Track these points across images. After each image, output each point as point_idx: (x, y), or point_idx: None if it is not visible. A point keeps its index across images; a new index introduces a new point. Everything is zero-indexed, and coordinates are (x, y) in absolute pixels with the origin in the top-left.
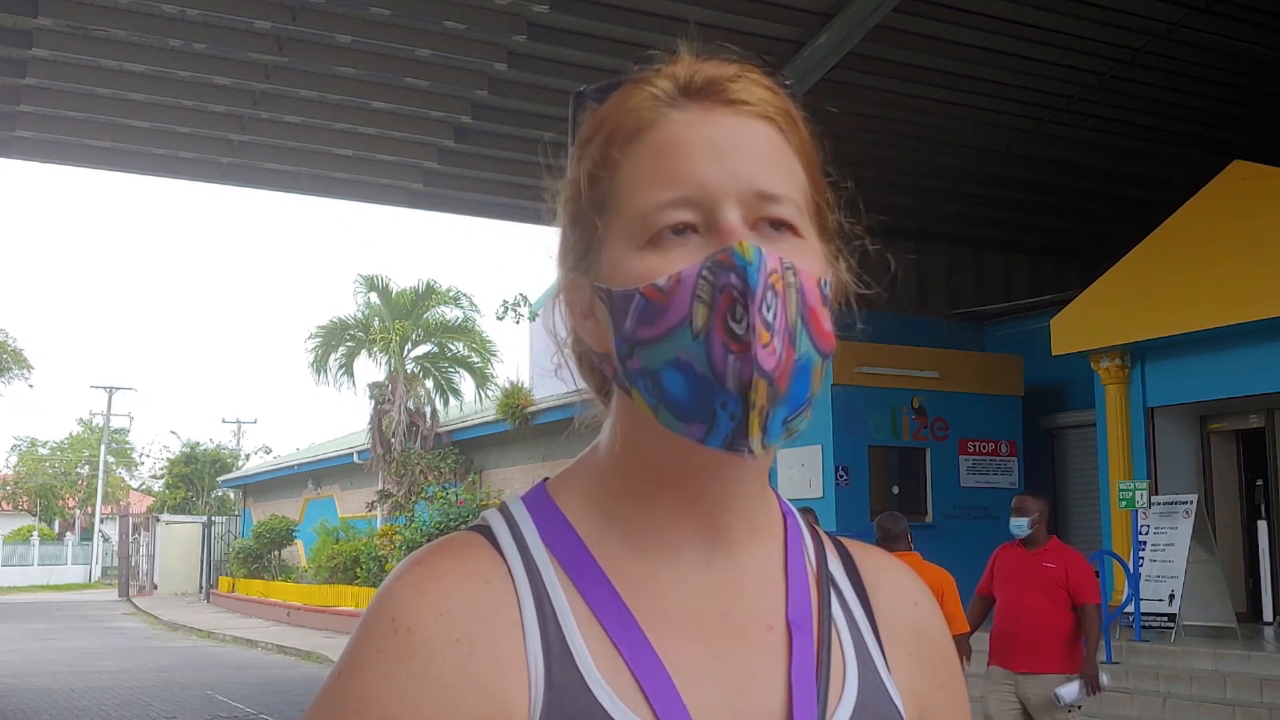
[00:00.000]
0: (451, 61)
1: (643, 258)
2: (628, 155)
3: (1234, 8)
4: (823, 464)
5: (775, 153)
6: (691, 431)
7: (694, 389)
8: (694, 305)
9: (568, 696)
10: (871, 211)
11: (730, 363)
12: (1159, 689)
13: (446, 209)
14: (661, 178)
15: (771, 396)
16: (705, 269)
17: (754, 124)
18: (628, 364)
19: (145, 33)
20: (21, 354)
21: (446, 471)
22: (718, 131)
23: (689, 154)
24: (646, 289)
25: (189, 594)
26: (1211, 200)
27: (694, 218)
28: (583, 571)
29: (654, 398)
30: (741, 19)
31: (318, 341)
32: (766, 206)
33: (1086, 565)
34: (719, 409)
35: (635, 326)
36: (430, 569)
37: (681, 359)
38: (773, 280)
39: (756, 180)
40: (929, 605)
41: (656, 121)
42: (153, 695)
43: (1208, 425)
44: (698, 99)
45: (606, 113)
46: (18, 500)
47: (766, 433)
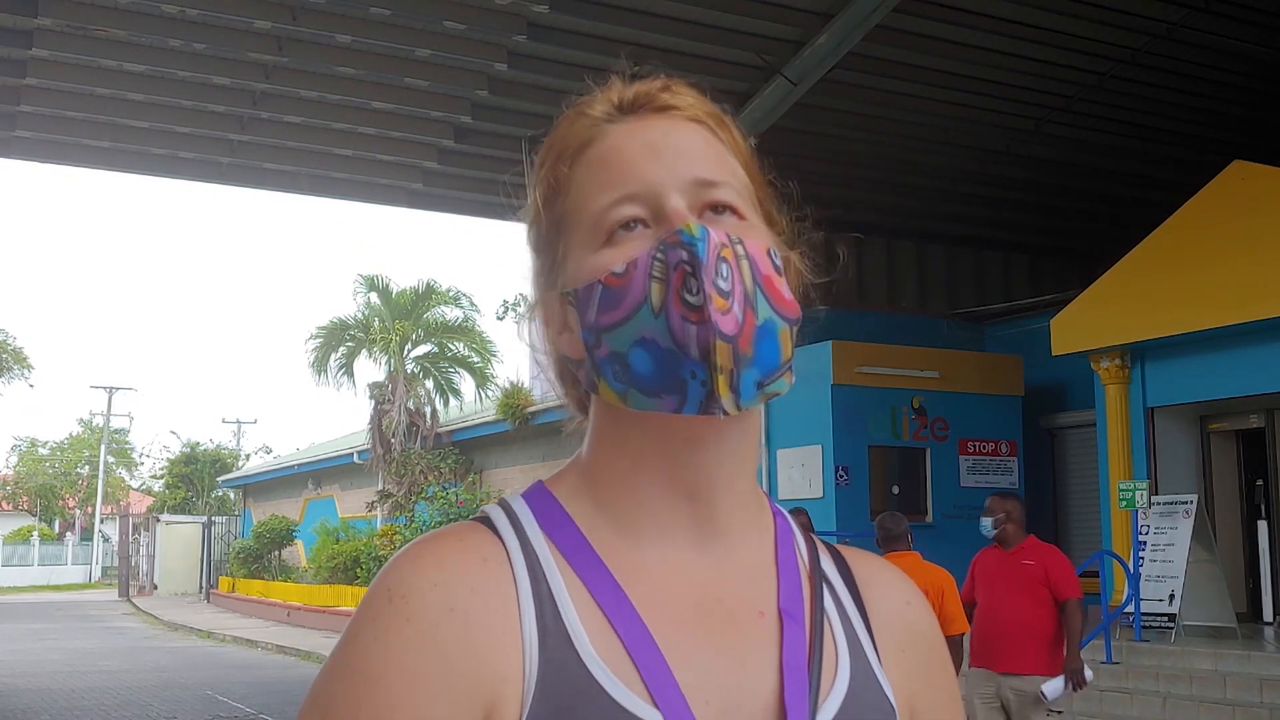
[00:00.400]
0: (451, 61)
1: (600, 254)
2: (575, 171)
3: (1234, 8)
4: (823, 464)
5: (709, 147)
6: (664, 404)
7: (660, 363)
8: (650, 284)
9: (563, 672)
10: (872, 211)
11: (690, 331)
12: (1159, 689)
13: (446, 209)
14: (608, 182)
15: (736, 358)
16: (657, 250)
17: (686, 124)
18: (595, 353)
19: (145, 33)
20: (22, 353)
21: (446, 471)
22: (653, 134)
23: (630, 157)
24: (605, 277)
25: (189, 594)
26: (1211, 200)
27: (642, 212)
28: (579, 556)
29: (622, 382)
30: (741, 19)
31: (318, 342)
32: (707, 192)
33: (1065, 561)
34: (688, 378)
35: (599, 315)
36: (428, 547)
37: (645, 337)
38: (723, 253)
39: (694, 170)
40: (921, 605)
41: (597, 137)
42: (153, 695)
43: (1208, 425)
44: (632, 112)
45: (551, 139)
46: (18, 500)
47: (739, 394)
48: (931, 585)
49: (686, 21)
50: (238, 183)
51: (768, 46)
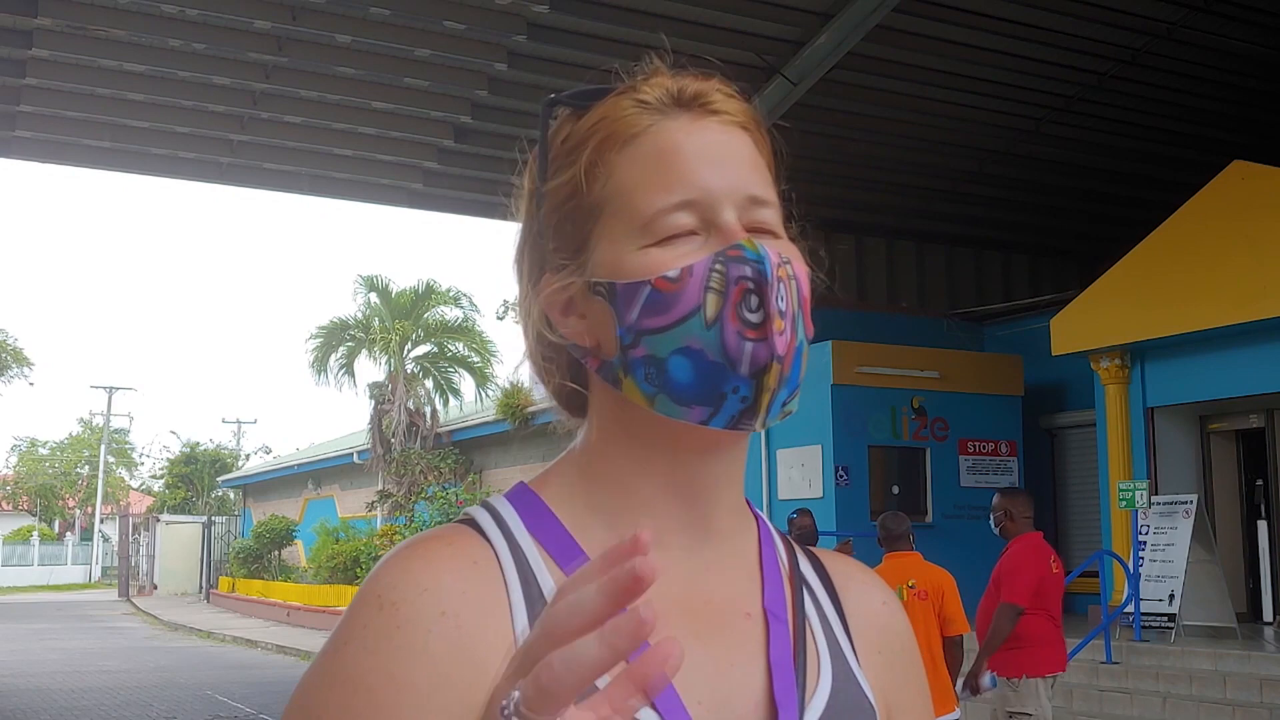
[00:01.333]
0: (451, 61)
1: (648, 254)
2: (624, 158)
3: (1234, 8)
4: (823, 464)
5: (756, 160)
6: (692, 414)
7: (702, 374)
8: (706, 294)
9: None
10: (872, 211)
11: (747, 349)
12: (1159, 689)
13: (446, 209)
14: (664, 181)
15: (780, 378)
16: (717, 261)
17: (738, 133)
18: (630, 353)
19: (145, 33)
20: (22, 353)
21: (446, 471)
22: (711, 139)
23: (689, 159)
24: (657, 280)
25: (189, 594)
26: (1211, 200)
27: (694, 221)
28: (567, 555)
29: (654, 385)
30: (741, 19)
31: (318, 342)
32: (757, 211)
33: (1016, 561)
34: (729, 393)
35: (642, 315)
36: (416, 551)
37: (692, 346)
38: (780, 273)
39: (749, 186)
40: (896, 606)
41: (651, 128)
42: (153, 695)
43: (1208, 425)
44: (686, 108)
45: (598, 118)
46: (18, 500)
47: (769, 411)
48: (933, 585)
49: (686, 21)
50: (238, 183)
51: (768, 46)
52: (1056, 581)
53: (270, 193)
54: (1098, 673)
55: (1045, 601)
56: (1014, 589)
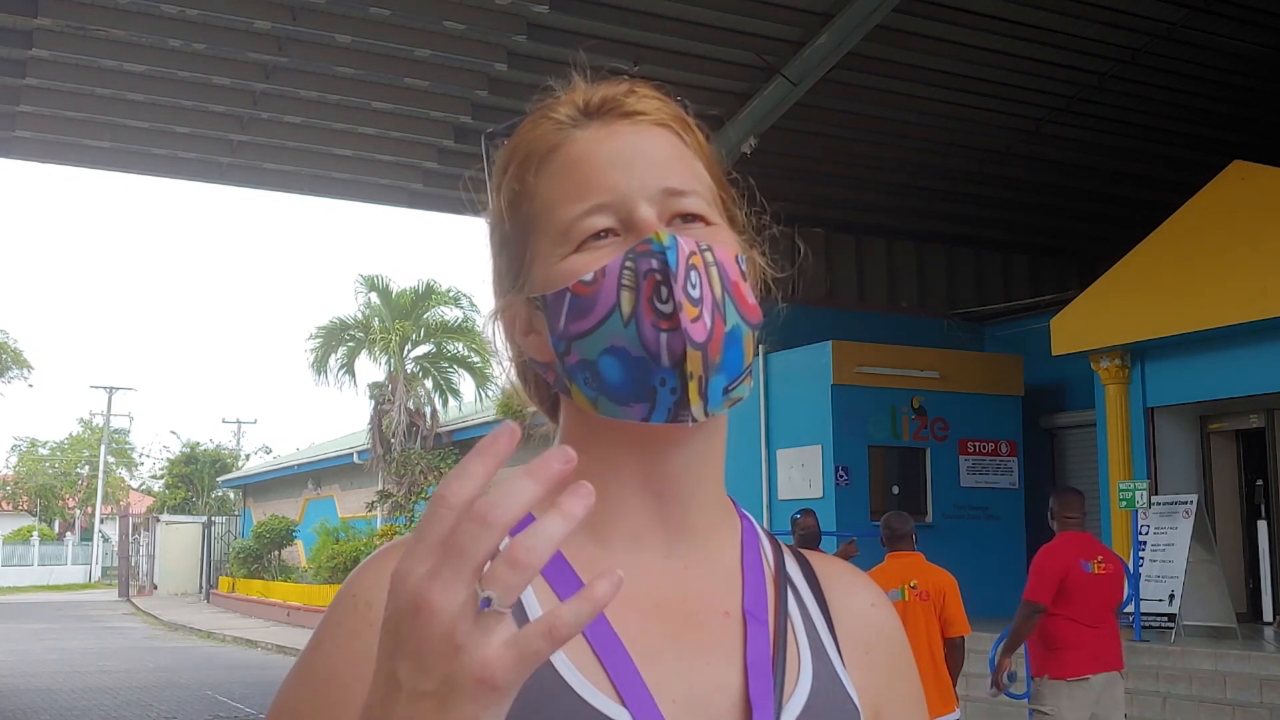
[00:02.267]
0: (451, 61)
1: (569, 261)
2: (542, 177)
3: (1234, 8)
4: (823, 464)
5: (676, 154)
6: (633, 413)
7: (631, 371)
8: (620, 293)
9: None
10: (872, 211)
11: (662, 339)
12: (1159, 689)
13: (446, 209)
14: (577, 190)
15: (707, 365)
16: (627, 259)
17: (653, 131)
18: (566, 360)
19: (145, 33)
20: (21, 354)
21: (446, 471)
22: (621, 141)
23: (598, 165)
24: (575, 285)
25: (189, 594)
26: (1211, 200)
27: (612, 222)
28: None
29: (593, 389)
30: (741, 19)
31: (318, 342)
32: (676, 202)
33: (1039, 560)
34: (658, 385)
35: (569, 322)
36: (394, 553)
37: (616, 345)
38: (693, 260)
39: (663, 179)
40: (885, 606)
41: (564, 142)
42: (153, 695)
43: (1208, 425)
44: (598, 117)
45: (515, 143)
46: (18, 500)
47: (707, 400)
48: (934, 587)
49: (686, 21)
50: (238, 183)
51: (768, 46)
52: (1092, 582)
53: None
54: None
55: (1072, 601)
56: (1032, 586)
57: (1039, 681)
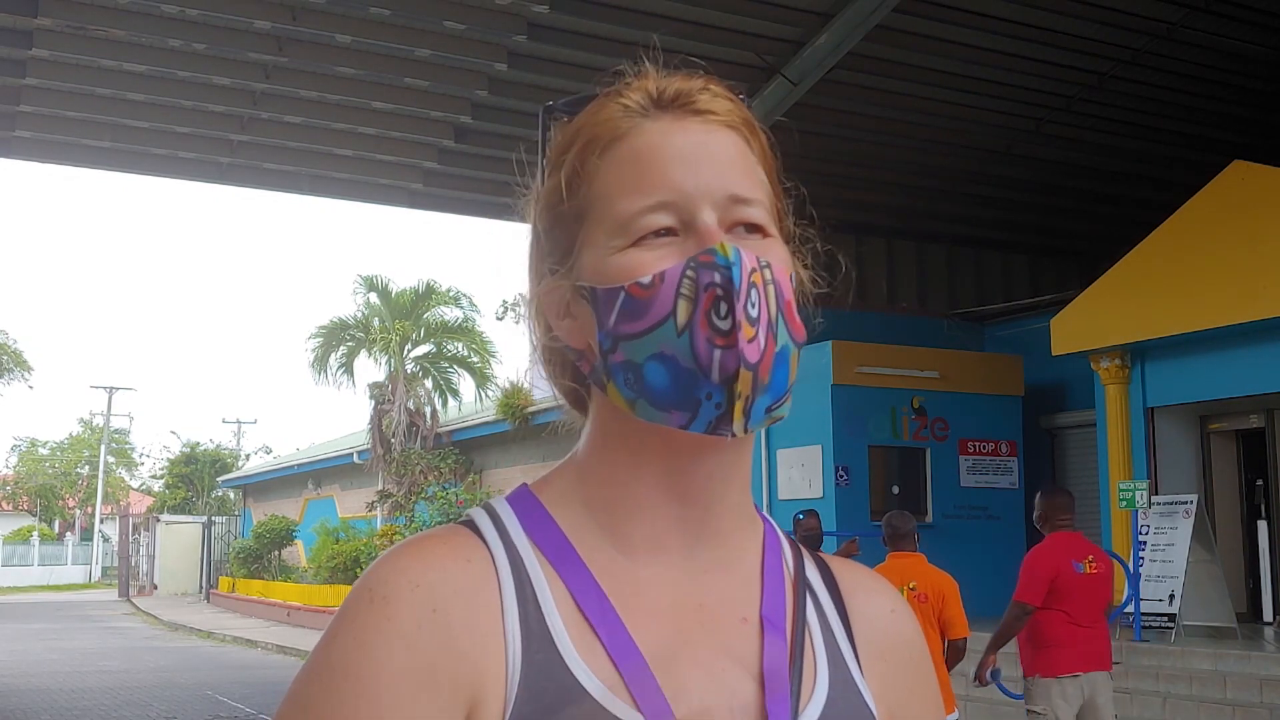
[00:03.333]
0: (451, 61)
1: (626, 256)
2: (605, 162)
3: (1234, 8)
4: (823, 464)
5: (743, 159)
6: (672, 419)
7: (677, 381)
8: (678, 301)
9: (546, 674)
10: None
11: (716, 355)
12: (1159, 689)
13: (446, 209)
14: (640, 183)
15: (756, 386)
16: (689, 267)
17: (722, 132)
18: (610, 358)
19: (145, 33)
20: (21, 355)
21: (446, 471)
22: (691, 139)
23: (665, 161)
24: (631, 286)
25: (189, 594)
26: (1211, 200)
27: (672, 221)
28: (563, 559)
29: (633, 390)
30: (741, 19)
31: (318, 341)
32: (739, 210)
33: (1030, 559)
34: (704, 399)
35: (619, 321)
36: (412, 549)
37: (665, 352)
38: (753, 278)
39: (729, 185)
40: (905, 613)
41: (631, 131)
42: (153, 695)
43: (1208, 425)
44: (668, 110)
45: (581, 124)
46: (18, 500)
47: (750, 418)
48: (933, 589)
49: (686, 21)
50: (238, 183)
51: (768, 46)
52: (1082, 581)
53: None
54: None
55: (1063, 600)
56: (1022, 587)
57: (1030, 681)
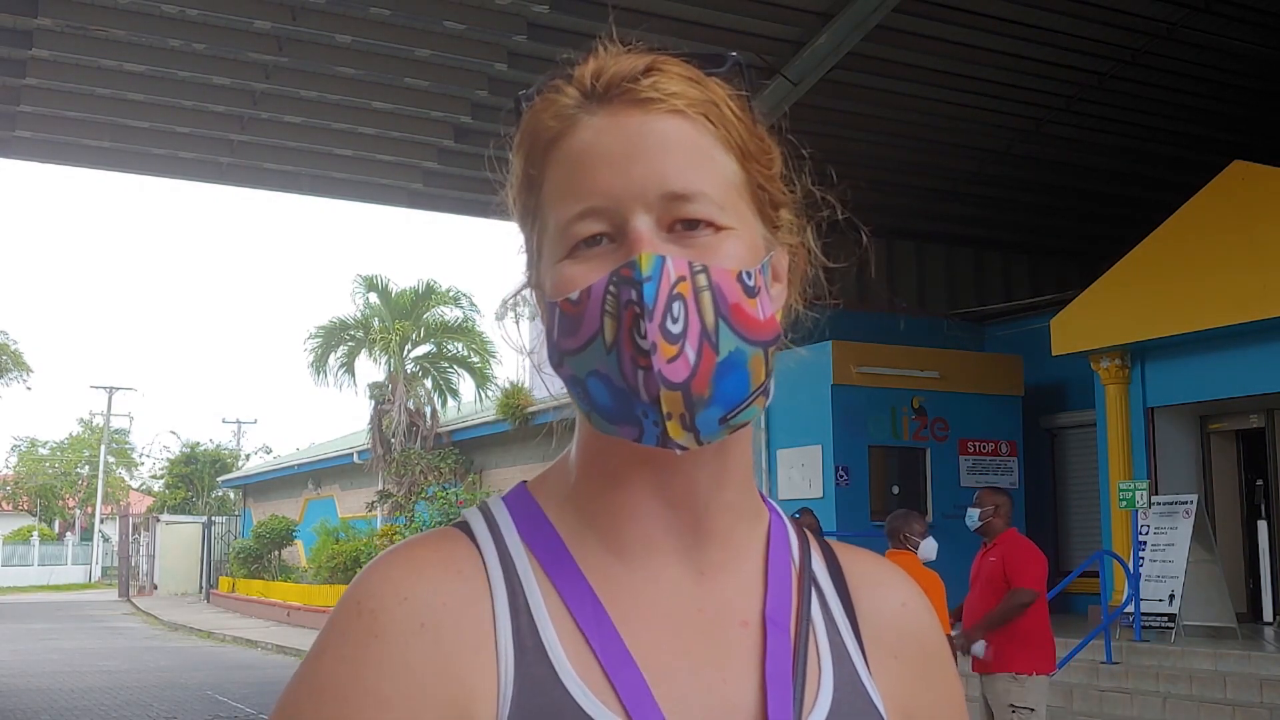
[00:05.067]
0: (451, 61)
1: (563, 269)
2: (546, 167)
3: (1234, 8)
4: (823, 464)
5: (688, 148)
6: (624, 433)
7: (616, 398)
8: (603, 319)
9: (538, 689)
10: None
11: (639, 376)
12: (1159, 689)
13: (446, 209)
14: (572, 190)
15: (689, 402)
16: (610, 283)
17: (664, 121)
18: (560, 372)
19: (145, 33)
20: (21, 356)
21: (446, 471)
22: (623, 135)
23: (594, 164)
24: (562, 303)
25: (189, 594)
26: (1211, 200)
27: (604, 227)
28: (559, 568)
29: (585, 404)
30: (741, 19)
31: (317, 341)
32: (679, 207)
33: (1025, 552)
34: (641, 416)
35: (560, 337)
36: (401, 557)
37: (600, 370)
38: (679, 289)
39: (665, 182)
40: (918, 605)
41: (566, 130)
42: (153, 695)
43: (1208, 425)
44: (605, 102)
45: (525, 123)
46: (18, 500)
47: (698, 432)
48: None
49: (686, 22)
50: (238, 183)
51: (768, 46)
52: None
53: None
54: (1098, 673)
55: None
56: (1030, 575)
57: (1025, 679)
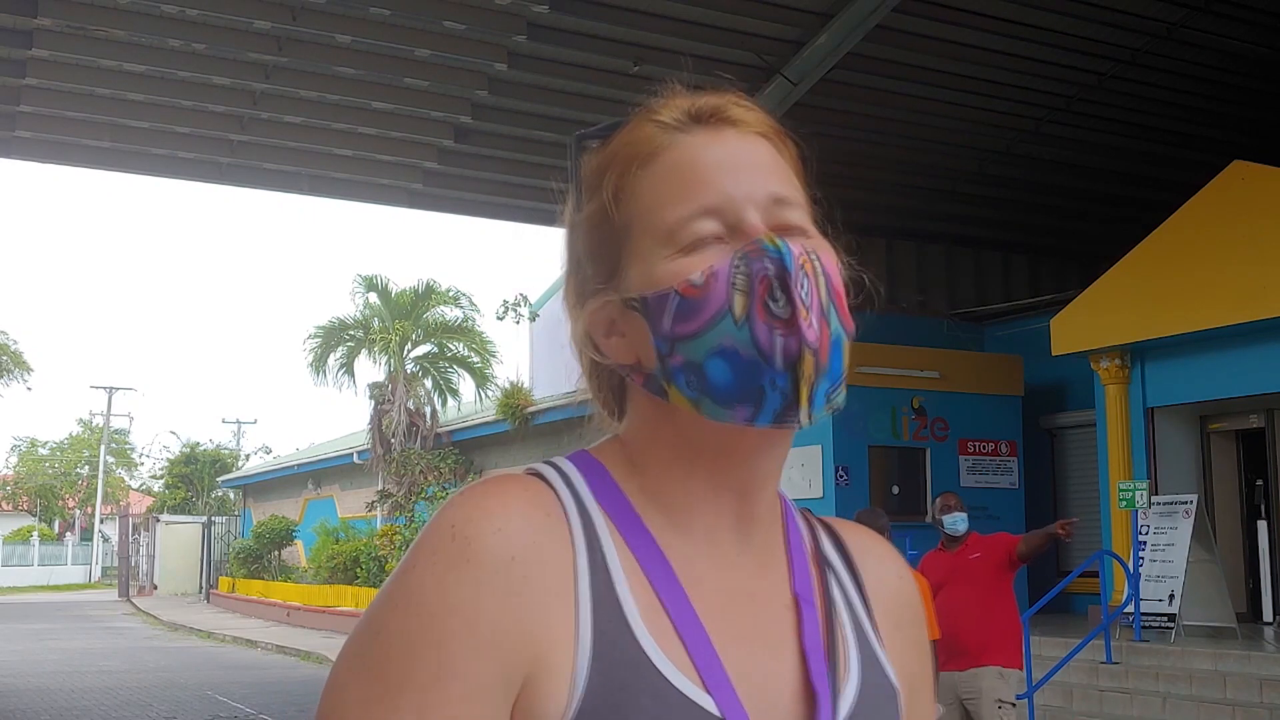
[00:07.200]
0: (451, 61)
1: (675, 263)
2: (646, 176)
3: (1234, 8)
4: (823, 464)
5: (777, 164)
6: (737, 415)
7: (740, 373)
8: (732, 294)
9: (616, 644)
10: (872, 211)
11: (777, 340)
12: (1159, 689)
13: (446, 209)
14: (684, 192)
15: (817, 368)
16: (737, 259)
17: (756, 140)
18: (668, 361)
19: (145, 33)
20: (21, 356)
21: (446, 471)
22: (729, 147)
23: (707, 168)
24: (682, 286)
25: (189, 594)
26: (1211, 200)
27: (718, 227)
28: (632, 530)
29: (696, 390)
30: (741, 19)
31: (317, 341)
32: (781, 211)
33: (998, 535)
34: (768, 387)
35: (674, 323)
36: (495, 489)
37: (726, 346)
38: (803, 264)
39: (770, 187)
40: (908, 576)
41: (670, 145)
42: (153, 695)
43: (1208, 425)
44: (703, 123)
45: (619, 144)
46: (18, 500)
47: (813, 403)
48: None
49: (686, 21)
50: (238, 183)
51: (768, 46)
52: None
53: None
54: (1098, 673)
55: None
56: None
57: (1009, 673)
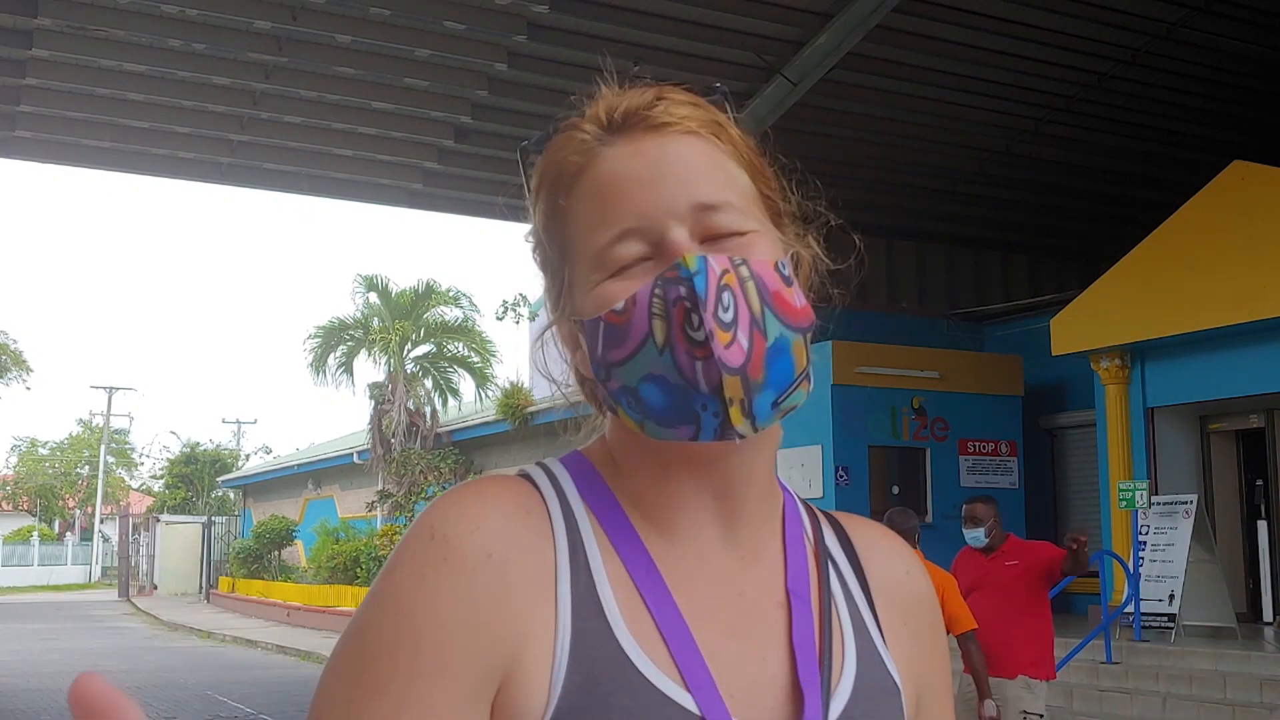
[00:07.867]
0: (451, 61)
1: (604, 288)
2: (572, 200)
3: (1234, 8)
4: (823, 464)
5: (707, 163)
6: (680, 434)
7: (672, 397)
8: (652, 322)
9: (595, 643)
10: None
11: (698, 368)
12: (1159, 689)
13: (446, 209)
14: (605, 215)
15: (747, 387)
16: (656, 286)
17: (681, 141)
18: (608, 385)
19: (145, 33)
20: (21, 356)
21: (446, 471)
22: (647, 159)
23: (624, 188)
24: (607, 315)
25: (189, 594)
26: (1211, 200)
27: (643, 247)
28: (617, 530)
29: (638, 413)
30: (741, 19)
31: (317, 341)
32: (709, 218)
33: (1037, 543)
34: (700, 410)
35: (605, 350)
36: (476, 490)
37: (654, 373)
38: (725, 280)
39: (693, 195)
40: (919, 573)
41: (588, 163)
42: (153, 695)
43: (1208, 425)
44: (622, 132)
45: (544, 163)
46: (18, 500)
47: (754, 418)
48: (935, 587)
49: (686, 21)
50: (238, 183)
51: (768, 46)
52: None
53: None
54: (1098, 673)
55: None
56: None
57: (1036, 684)
